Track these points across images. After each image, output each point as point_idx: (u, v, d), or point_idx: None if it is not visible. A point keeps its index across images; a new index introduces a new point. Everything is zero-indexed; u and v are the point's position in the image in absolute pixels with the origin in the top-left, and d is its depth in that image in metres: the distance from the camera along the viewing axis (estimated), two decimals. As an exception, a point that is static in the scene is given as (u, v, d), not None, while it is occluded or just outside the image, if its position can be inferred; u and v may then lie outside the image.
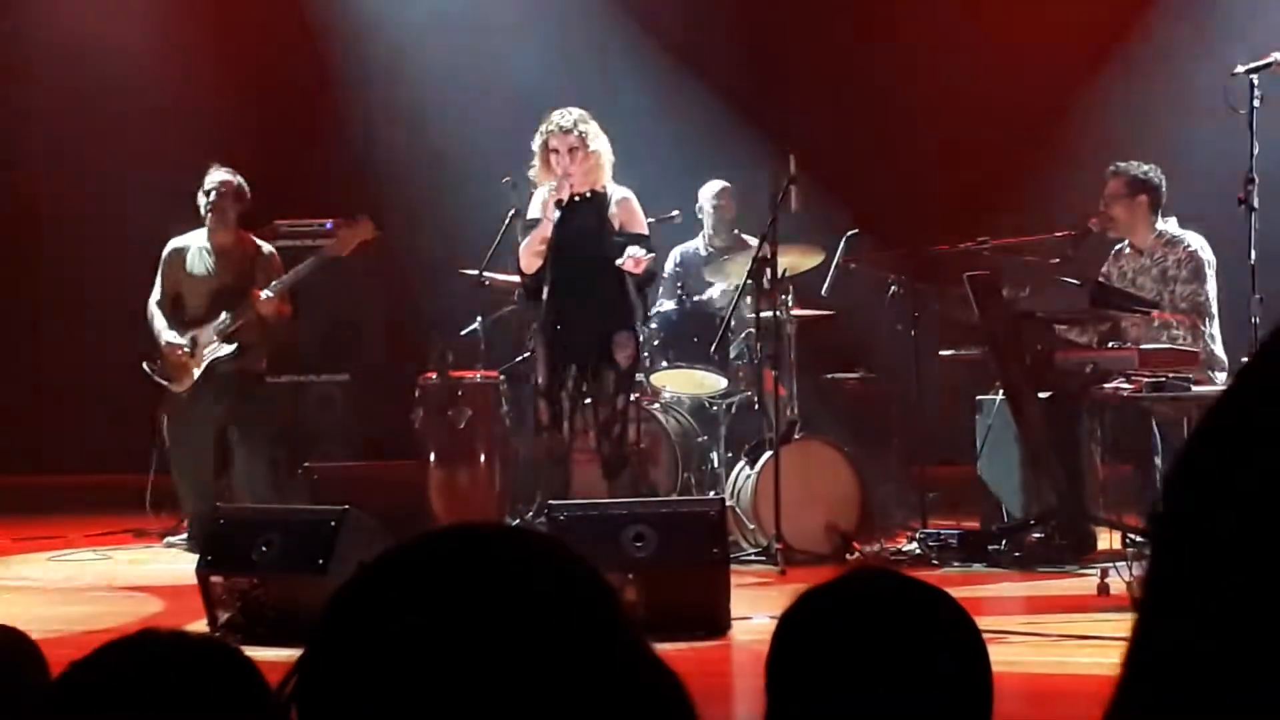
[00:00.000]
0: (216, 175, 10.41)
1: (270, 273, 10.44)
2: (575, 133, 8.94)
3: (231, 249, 10.44)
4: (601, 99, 12.56)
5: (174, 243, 10.52)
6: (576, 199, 8.96)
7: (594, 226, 8.98)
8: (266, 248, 10.58)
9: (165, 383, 10.37)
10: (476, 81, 12.42)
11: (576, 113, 9.06)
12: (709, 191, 10.96)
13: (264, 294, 10.26)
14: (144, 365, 10.40)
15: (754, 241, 9.97)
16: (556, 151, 8.92)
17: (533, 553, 1.36)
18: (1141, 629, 1.13)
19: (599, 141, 9.02)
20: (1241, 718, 1.04)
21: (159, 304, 10.48)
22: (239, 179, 10.41)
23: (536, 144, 9.02)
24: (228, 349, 10.31)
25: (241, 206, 10.43)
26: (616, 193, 9.09)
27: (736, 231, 10.90)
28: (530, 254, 9.00)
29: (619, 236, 8.96)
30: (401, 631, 1.29)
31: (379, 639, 1.30)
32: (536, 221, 9.02)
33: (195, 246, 10.49)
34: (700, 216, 10.95)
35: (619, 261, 8.83)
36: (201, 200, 10.40)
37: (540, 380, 9.08)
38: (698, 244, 10.95)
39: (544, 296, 9.00)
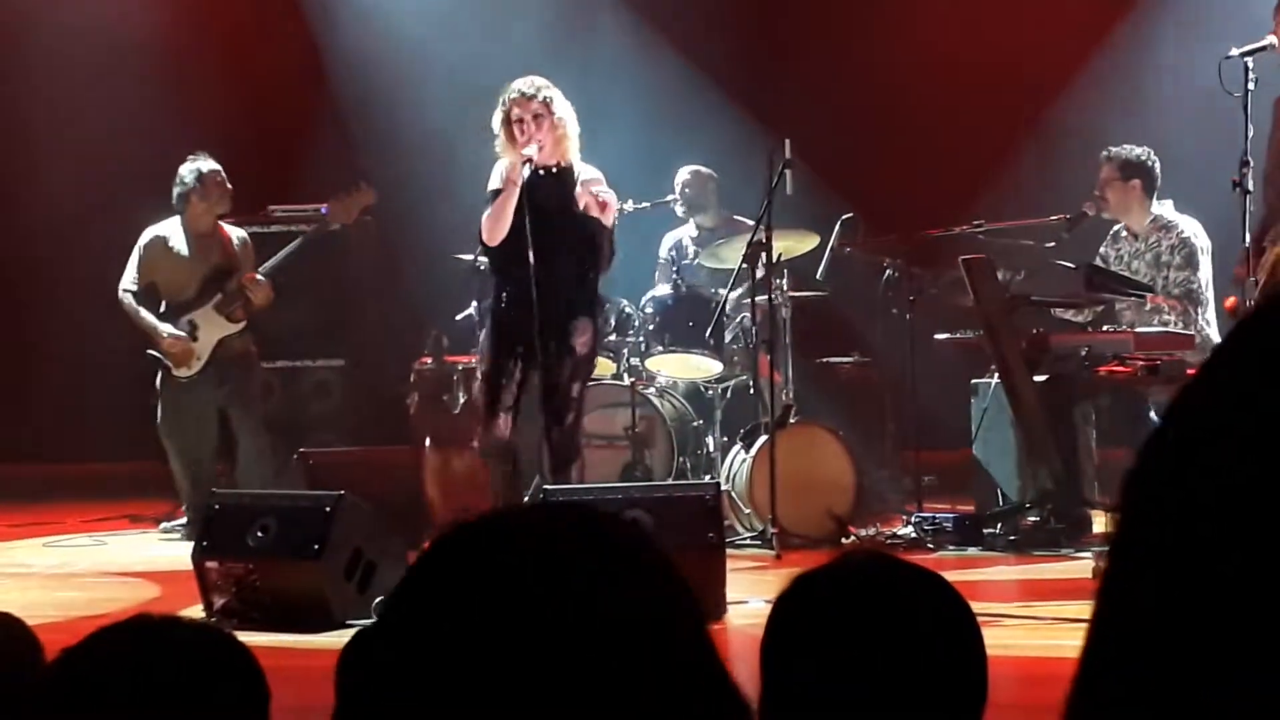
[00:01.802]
0: (204, 164, 10.36)
1: (248, 259, 10.42)
2: (540, 98, 8.34)
3: (210, 235, 10.41)
4: (596, 83, 12.58)
5: (153, 230, 10.43)
6: (542, 171, 8.32)
7: (559, 202, 8.32)
8: (239, 235, 10.52)
9: (169, 367, 10.33)
10: (471, 65, 12.39)
11: (540, 80, 8.46)
12: (677, 180, 10.95)
13: (258, 276, 10.24)
14: (149, 351, 10.34)
15: (748, 222, 9.97)
16: (521, 121, 8.29)
17: (603, 529, 1.35)
18: (1098, 617, 1.13)
19: (565, 110, 8.42)
20: (1198, 709, 1.04)
21: (134, 293, 10.43)
22: (214, 165, 10.37)
23: (497, 117, 8.40)
24: (234, 327, 10.29)
25: (229, 196, 10.40)
26: (585, 171, 8.49)
27: (726, 213, 10.87)
28: (498, 222, 8.31)
29: (579, 216, 8.36)
30: (480, 604, 1.26)
31: (435, 627, 1.27)
32: (497, 194, 8.37)
33: (175, 233, 10.42)
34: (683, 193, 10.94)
35: (582, 203, 8.32)
36: (182, 187, 10.33)
37: (486, 366, 8.52)
38: (689, 229, 10.94)
39: (497, 272, 8.47)
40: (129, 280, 10.42)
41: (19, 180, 13.07)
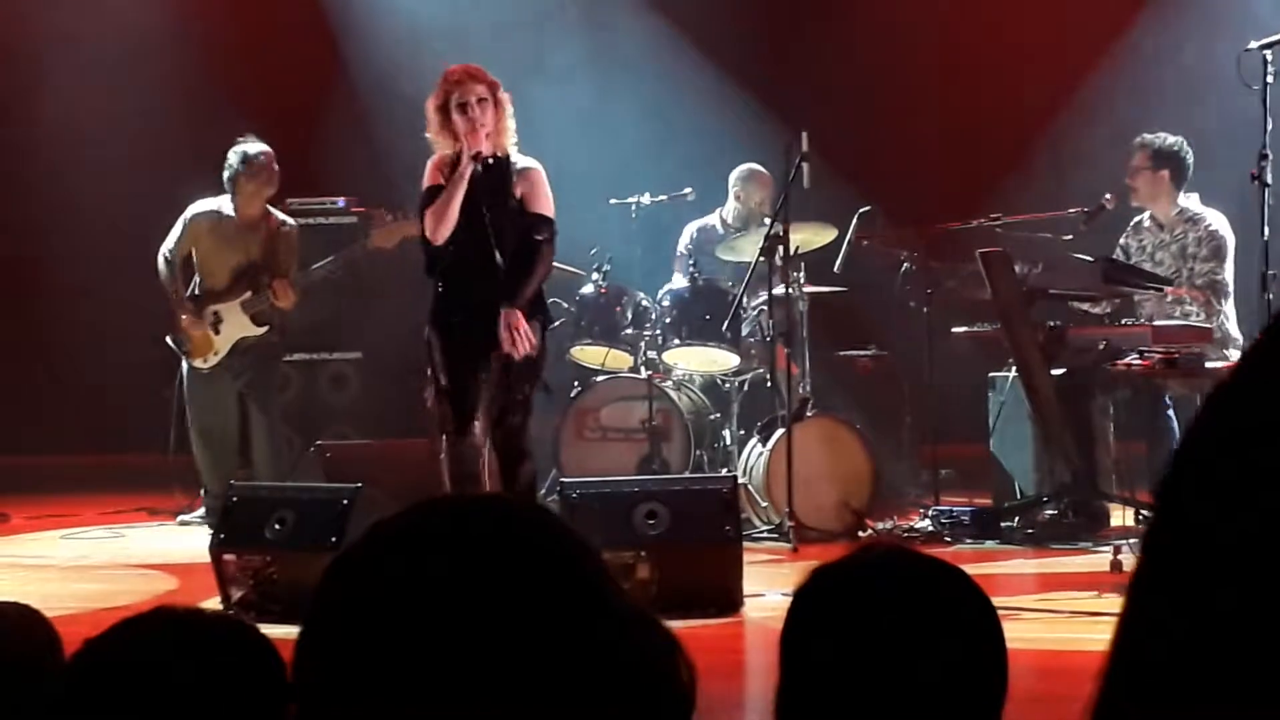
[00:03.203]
0: (250, 146, 10.31)
1: (289, 251, 10.41)
2: (484, 80, 7.73)
3: (257, 224, 10.36)
4: (611, 77, 12.59)
5: (203, 204, 10.37)
6: (486, 163, 7.69)
7: (501, 197, 7.71)
8: (288, 224, 10.52)
9: (187, 357, 10.34)
10: (487, 60, 12.38)
11: (477, 67, 7.86)
12: (759, 180, 10.79)
13: (285, 287, 10.20)
14: (167, 338, 10.36)
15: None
16: (464, 106, 7.61)
17: (515, 519, 1.38)
18: (1128, 621, 1.13)
19: (505, 97, 7.81)
20: (1223, 714, 1.04)
21: (169, 262, 10.42)
22: (268, 151, 10.34)
23: (432, 103, 7.75)
24: (257, 330, 10.29)
25: (276, 181, 10.38)
26: (521, 160, 7.86)
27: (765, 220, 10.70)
28: (444, 220, 7.65)
29: (521, 213, 7.75)
30: (391, 603, 1.31)
31: (370, 611, 1.32)
32: (437, 190, 7.72)
33: (224, 214, 10.37)
34: (735, 194, 10.84)
35: (519, 192, 7.76)
36: (230, 170, 10.29)
37: (443, 379, 7.79)
38: (714, 220, 10.90)
39: (439, 274, 7.81)
40: (168, 248, 10.40)
41: (39, 174, 13.09)
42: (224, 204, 10.39)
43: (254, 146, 10.30)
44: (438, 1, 12.79)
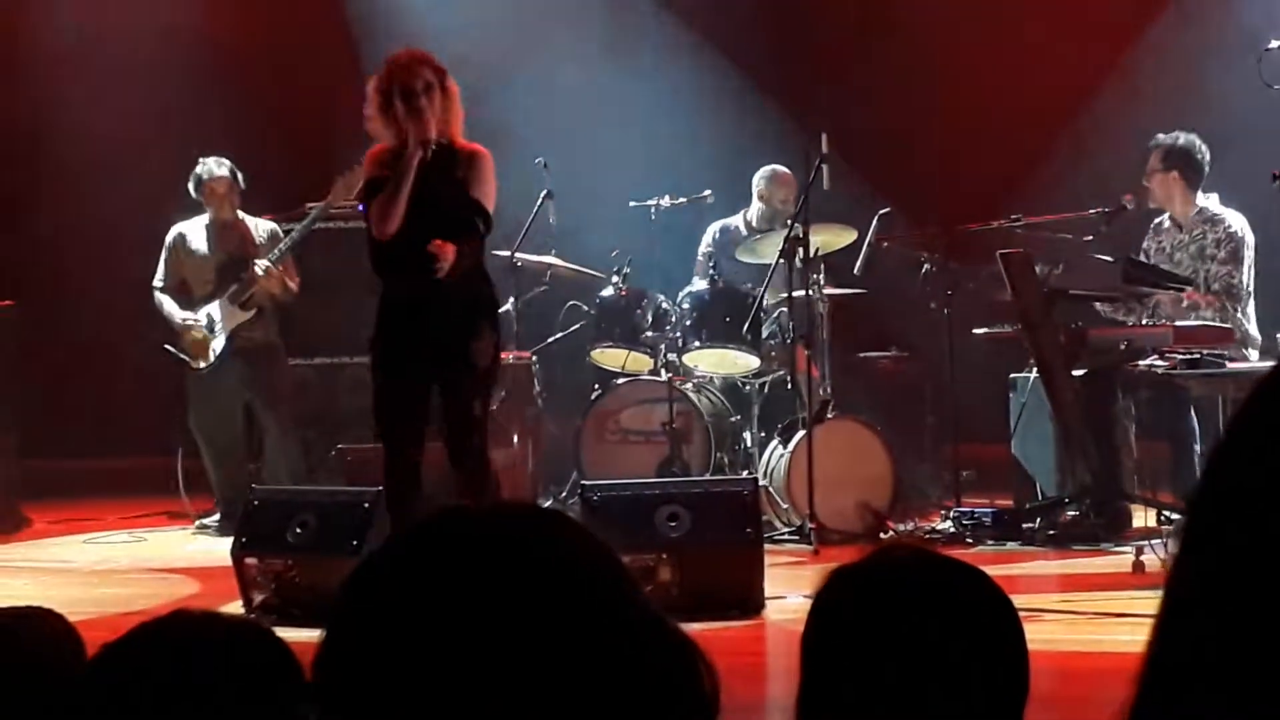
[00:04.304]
0: (208, 168, 10.57)
1: (271, 242, 10.58)
2: (430, 65, 7.17)
3: (228, 227, 10.60)
4: (631, 78, 12.59)
5: (177, 228, 10.74)
6: (431, 151, 7.13)
7: (447, 187, 7.13)
8: (266, 227, 10.64)
9: (187, 360, 10.45)
10: (507, 62, 12.40)
11: (423, 51, 7.34)
12: (781, 180, 10.77)
13: (261, 264, 10.34)
14: (165, 345, 10.51)
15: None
16: (409, 94, 7.05)
17: (536, 524, 1.38)
18: (1164, 624, 1.12)
19: (453, 85, 7.24)
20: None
21: (163, 290, 10.67)
22: (225, 164, 10.52)
23: (374, 86, 7.20)
24: (245, 315, 10.42)
25: (237, 194, 10.60)
26: (467, 147, 7.28)
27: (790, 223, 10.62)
28: (391, 214, 7.05)
29: (464, 199, 7.16)
30: (411, 611, 1.31)
31: (391, 617, 1.32)
32: (380, 182, 7.12)
33: (195, 230, 10.69)
34: (757, 194, 10.83)
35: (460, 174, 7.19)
36: (193, 189, 10.60)
37: (387, 393, 7.24)
38: (737, 221, 10.87)
39: (384, 276, 7.28)
40: (159, 277, 10.67)
41: (55, 179, 13.12)
42: (195, 223, 10.72)
43: (207, 170, 10.59)
44: (457, 6, 12.79)
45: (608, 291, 10.26)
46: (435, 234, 7.03)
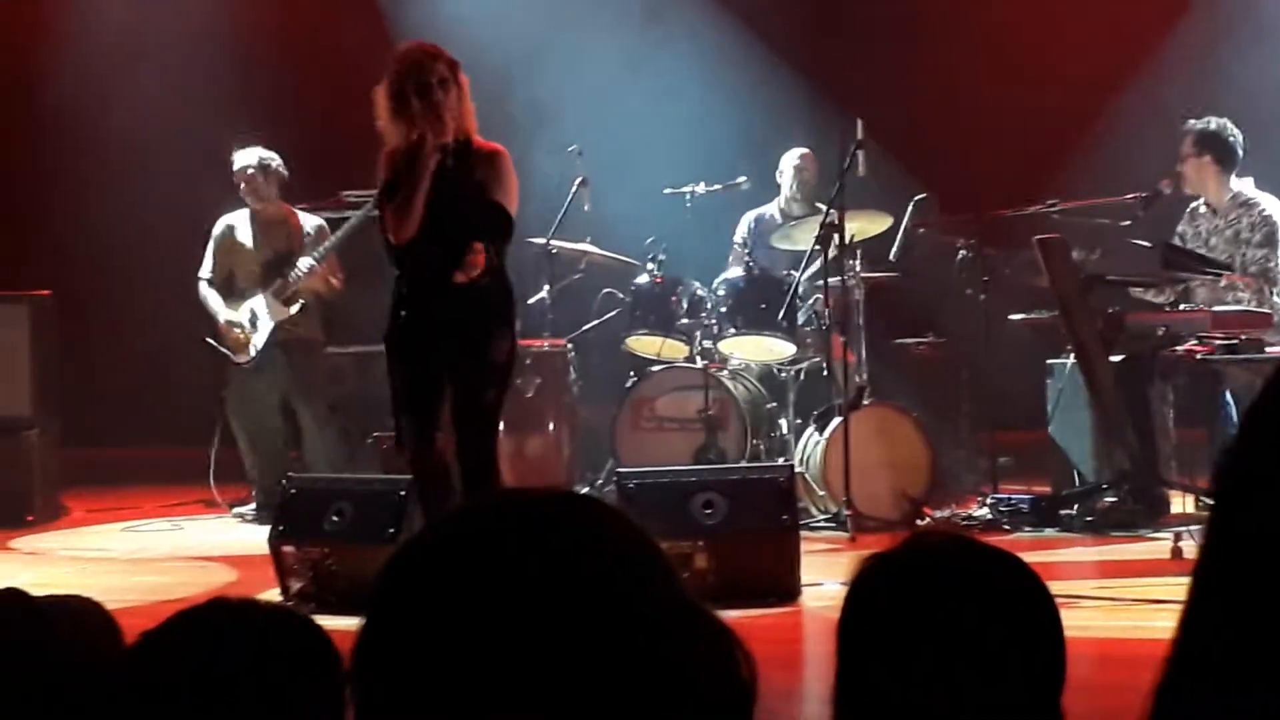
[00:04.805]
0: (241, 157, 10.58)
1: (317, 239, 10.58)
2: (443, 59, 6.88)
3: (275, 221, 10.62)
4: (664, 65, 12.57)
5: (224, 220, 10.74)
6: (447, 150, 6.89)
7: (465, 188, 6.87)
8: (313, 222, 10.67)
9: (229, 353, 10.48)
10: (541, 49, 12.40)
11: (433, 44, 7.05)
12: (790, 157, 10.84)
13: (306, 261, 10.36)
14: (206, 339, 10.53)
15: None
16: (424, 88, 6.77)
17: (574, 512, 1.38)
18: (1189, 610, 1.12)
19: (465, 80, 6.97)
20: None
21: (210, 281, 10.65)
22: (265, 155, 10.55)
23: (384, 88, 6.89)
24: (289, 310, 10.42)
25: (275, 181, 10.59)
26: (485, 146, 7.03)
27: (816, 205, 10.63)
28: (408, 217, 6.79)
29: (483, 200, 6.89)
30: (448, 598, 1.31)
31: (429, 605, 1.32)
32: (396, 185, 6.84)
33: (242, 222, 10.70)
34: (779, 181, 10.86)
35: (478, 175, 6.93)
36: (239, 177, 10.64)
37: (404, 393, 7.01)
38: (772, 209, 10.87)
39: (400, 276, 7.01)
40: (205, 269, 10.66)
41: (93, 172, 13.17)
42: (242, 214, 10.73)
43: (239, 157, 10.59)
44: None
45: (643, 279, 10.25)
46: (453, 235, 6.80)
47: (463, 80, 6.90)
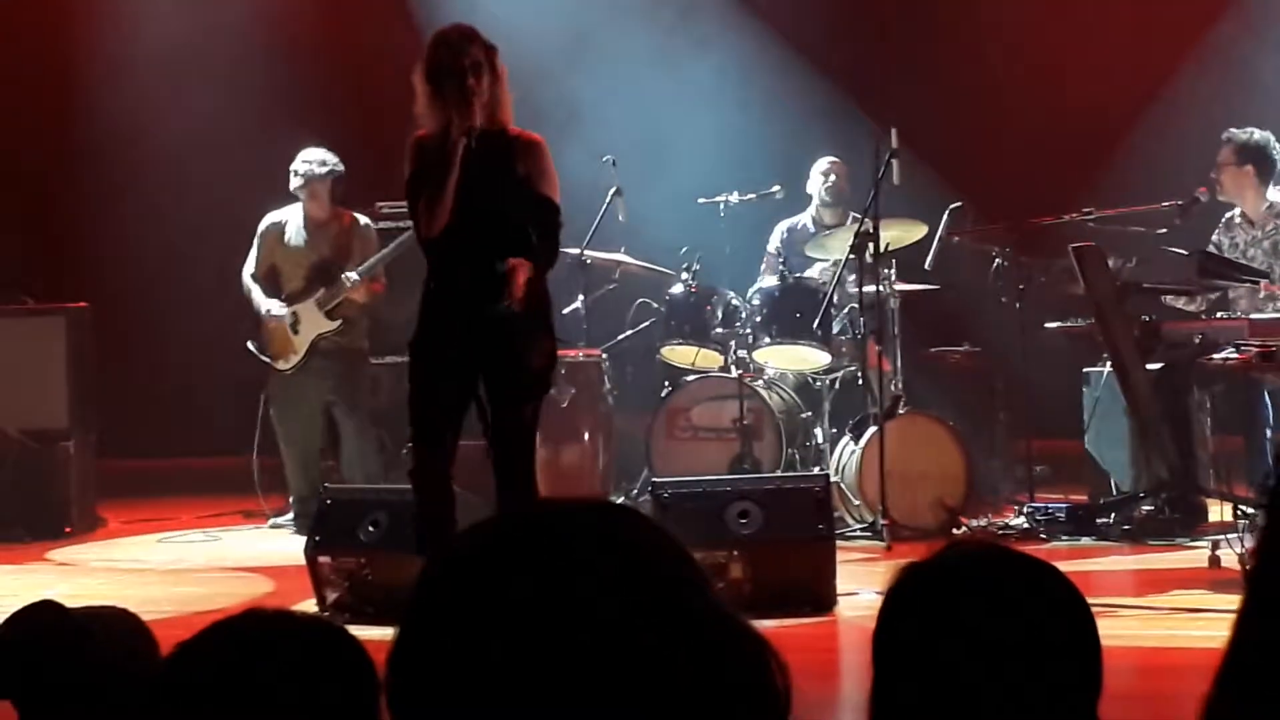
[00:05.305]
0: (306, 155, 10.50)
1: (366, 249, 10.52)
2: (479, 43, 6.58)
3: (327, 224, 10.55)
4: (699, 74, 12.57)
5: (271, 216, 10.64)
6: (478, 140, 6.54)
7: (500, 178, 6.55)
8: (363, 221, 10.64)
9: (269, 360, 10.46)
10: (575, 59, 12.40)
11: (470, 26, 6.77)
12: (819, 165, 10.84)
13: (351, 275, 10.33)
14: (248, 344, 10.50)
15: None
16: (456, 71, 6.45)
17: (609, 522, 1.38)
18: (1244, 620, 1.12)
19: (502, 66, 6.66)
20: None
21: (254, 276, 10.59)
22: (330, 158, 10.47)
23: (420, 72, 6.60)
24: (331, 325, 10.38)
25: (334, 185, 10.52)
26: (523, 136, 6.70)
27: (850, 215, 10.58)
28: (438, 209, 6.49)
29: (525, 194, 6.58)
30: (484, 608, 1.31)
31: (464, 615, 1.32)
32: (425, 176, 6.52)
33: (292, 220, 10.59)
34: (809, 192, 10.85)
35: (522, 171, 6.59)
36: (293, 179, 10.50)
37: (423, 397, 6.68)
38: (805, 219, 10.86)
39: (432, 272, 6.69)
40: (249, 264, 10.60)
41: (129, 184, 13.21)
42: (291, 212, 10.60)
43: (304, 156, 10.48)
44: (525, 4, 12.78)
45: (677, 288, 10.26)
46: (487, 228, 6.50)
47: (500, 67, 6.61)
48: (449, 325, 6.57)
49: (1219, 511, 8.88)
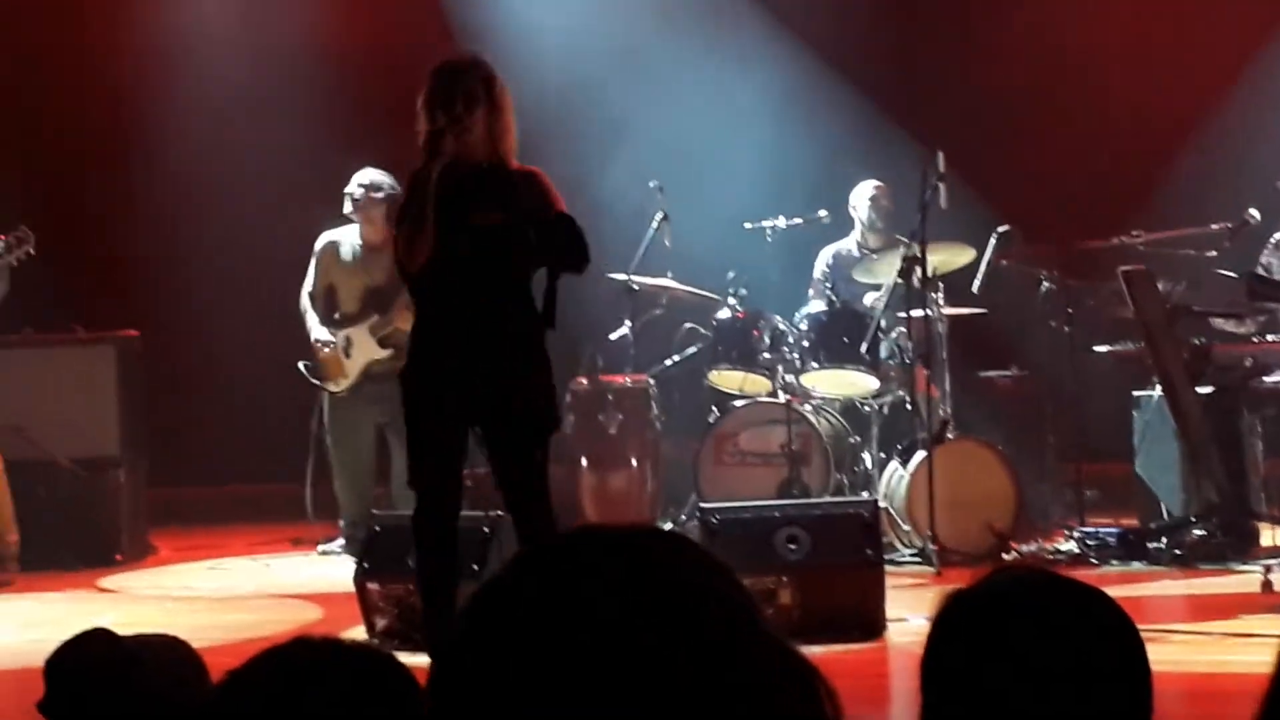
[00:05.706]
0: (363, 177, 10.48)
1: None
2: (476, 74, 6.33)
3: (382, 248, 10.50)
4: (744, 99, 12.57)
5: (327, 235, 10.60)
6: (471, 171, 6.31)
7: (497, 214, 6.30)
8: None
9: (320, 384, 10.48)
10: (621, 83, 12.41)
11: (472, 56, 6.60)
12: (863, 191, 10.80)
13: (405, 300, 10.32)
14: (300, 365, 10.51)
15: (906, 241, 9.87)
16: (448, 102, 6.22)
17: (658, 548, 1.38)
18: None
19: (505, 98, 6.38)
20: None
21: (311, 296, 10.60)
22: (385, 180, 10.44)
23: (421, 100, 6.34)
24: (383, 353, 10.37)
25: (390, 208, 10.49)
26: (521, 170, 6.43)
27: (895, 237, 10.56)
28: (415, 243, 6.22)
29: (530, 219, 6.29)
30: (531, 636, 1.31)
31: (512, 642, 1.32)
32: (417, 206, 6.21)
33: (348, 241, 10.57)
34: (854, 216, 10.82)
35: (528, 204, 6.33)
36: (348, 201, 10.49)
37: (424, 443, 6.43)
38: (849, 244, 10.83)
39: (420, 310, 6.47)
40: (307, 284, 10.61)
41: (179, 211, 13.26)
42: (347, 232, 10.55)
43: (361, 177, 10.45)
44: (569, 23, 12.79)
45: (724, 313, 10.25)
46: (474, 265, 6.23)
47: (498, 98, 6.34)
48: (439, 367, 6.33)
49: (1271, 536, 8.84)
